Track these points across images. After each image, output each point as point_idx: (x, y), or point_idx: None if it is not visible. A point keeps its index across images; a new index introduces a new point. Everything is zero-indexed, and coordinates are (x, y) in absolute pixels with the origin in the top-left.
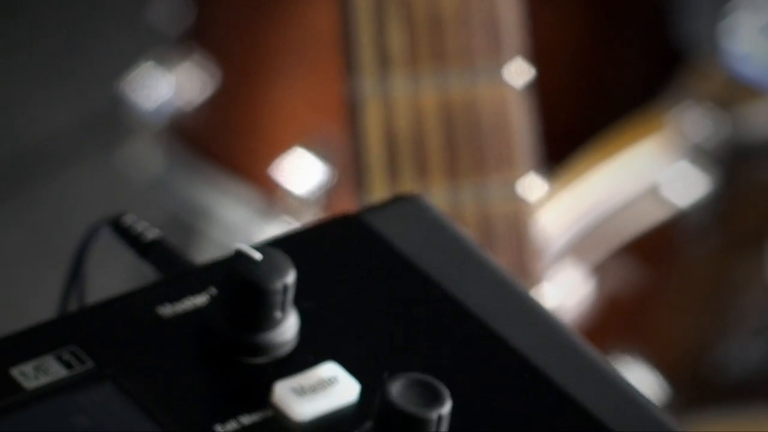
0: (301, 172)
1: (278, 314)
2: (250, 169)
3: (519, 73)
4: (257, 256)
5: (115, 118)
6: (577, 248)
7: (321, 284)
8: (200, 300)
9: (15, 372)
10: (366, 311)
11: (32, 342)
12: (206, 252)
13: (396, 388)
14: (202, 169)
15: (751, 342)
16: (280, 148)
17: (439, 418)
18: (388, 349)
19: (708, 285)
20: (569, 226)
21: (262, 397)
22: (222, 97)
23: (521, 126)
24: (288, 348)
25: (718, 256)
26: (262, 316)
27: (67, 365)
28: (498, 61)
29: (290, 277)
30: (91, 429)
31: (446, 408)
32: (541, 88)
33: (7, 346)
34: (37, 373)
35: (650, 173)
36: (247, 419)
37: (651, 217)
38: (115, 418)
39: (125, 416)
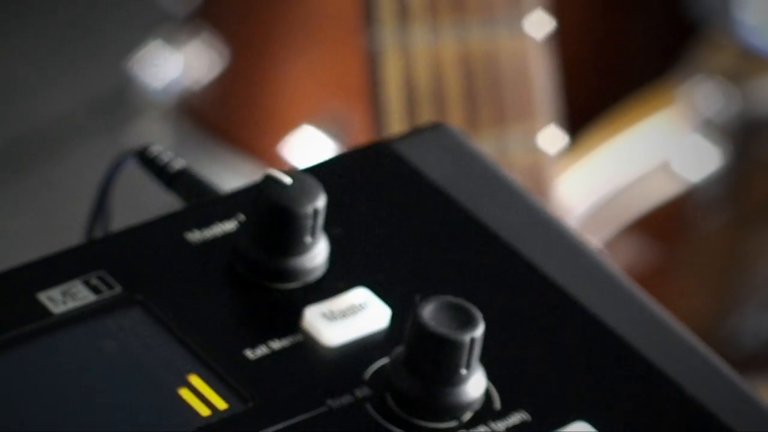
0: (310, 150)
1: (308, 239)
2: (258, 148)
3: (539, 24)
4: (287, 180)
5: (123, 98)
6: (588, 223)
7: (350, 211)
8: (229, 226)
9: (42, 297)
10: (396, 238)
11: (59, 267)
12: None
13: (428, 311)
14: (211, 148)
15: (763, 314)
16: (289, 126)
17: (472, 341)
18: (418, 275)
19: (720, 259)
20: (580, 201)
21: (292, 323)
22: (230, 76)
23: (541, 77)
24: (318, 274)
25: (730, 229)
26: (292, 241)
27: (95, 290)
28: (518, 12)
29: (320, 202)
30: (119, 354)
31: (479, 331)
32: (552, 62)
33: (34, 271)
34: (64, 298)
35: (661, 148)
36: (276, 344)
37: (662, 191)
38: (144, 342)
39: (154, 341)
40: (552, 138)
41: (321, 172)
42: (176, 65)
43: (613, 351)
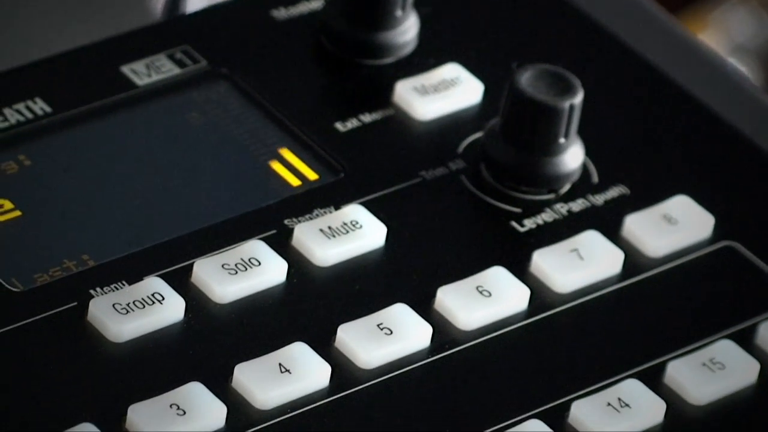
0: None
1: (399, 13)
2: None
3: None
4: None
5: None
6: None
7: None
8: (315, 4)
9: (126, 69)
10: (486, 15)
11: (143, 41)
12: None
13: (526, 78)
14: None
15: None
16: None
17: (571, 107)
18: (511, 53)
19: None
20: None
21: (383, 97)
22: None
23: None
24: (408, 49)
25: None
26: (383, 15)
27: (180, 64)
28: None
29: None
30: (207, 125)
31: (578, 98)
32: None
33: (117, 44)
34: (148, 71)
35: None
36: (367, 117)
37: None
38: (231, 115)
39: (241, 113)
40: None
41: None
42: (200, 2)
43: (712, 129)
